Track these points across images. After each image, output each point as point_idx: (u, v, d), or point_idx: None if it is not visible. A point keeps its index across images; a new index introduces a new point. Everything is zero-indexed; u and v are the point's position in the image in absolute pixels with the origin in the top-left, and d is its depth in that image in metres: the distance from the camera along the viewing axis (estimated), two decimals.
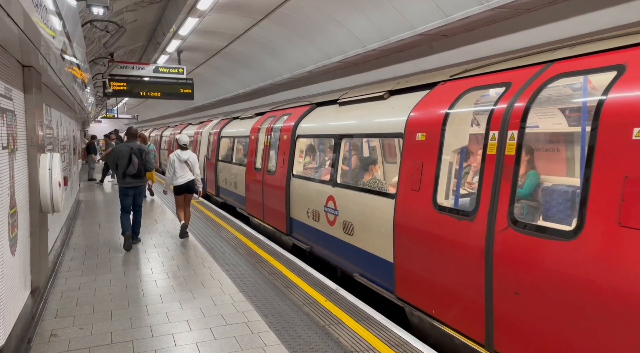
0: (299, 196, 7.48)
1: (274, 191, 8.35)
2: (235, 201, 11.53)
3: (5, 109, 3.49)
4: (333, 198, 6.38)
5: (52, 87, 6.53)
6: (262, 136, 9.46)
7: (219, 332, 4.36)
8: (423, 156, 4.58)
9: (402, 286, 4.86)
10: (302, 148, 8.11)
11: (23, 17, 2.64)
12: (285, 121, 8.43)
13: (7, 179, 3.47)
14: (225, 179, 12.35)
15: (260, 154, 9.47)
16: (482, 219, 3.73)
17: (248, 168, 10.05)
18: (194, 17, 9.15)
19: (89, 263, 6.72)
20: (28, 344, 4.07)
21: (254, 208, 9.68)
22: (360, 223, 5.69)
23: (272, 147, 8.87)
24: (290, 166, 7.76)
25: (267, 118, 9.76)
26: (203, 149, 14.96)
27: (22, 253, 4.03)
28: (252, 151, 9.94)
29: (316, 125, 7.47)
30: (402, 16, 6.84)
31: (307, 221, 7.20)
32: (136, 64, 13.03)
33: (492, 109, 3.85)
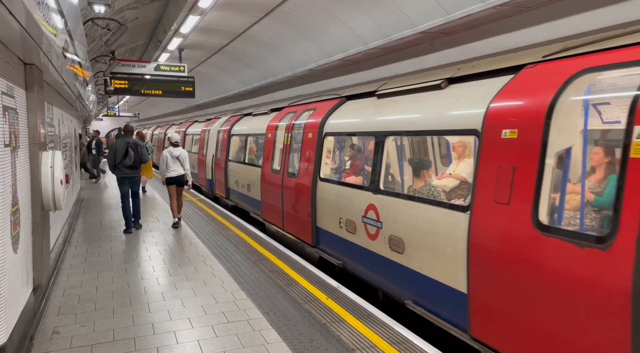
0: (328, 203, 6.50)
1: (297, 197, 7.41)
2: (248, 205, 10.49)
3: (8, 107, 3.49)
4: (375, 208, 5.35)
5: (54, 85, 6.53)
6: (281, 134, 8.43)
7: (221, 329, 4.37)
8: (514, 158, 3.56)
9: (481, 326, 3.81)
10: (331, 147, 7.08)
11: (25, 15, 2.65)
12: (309, 117, 7.43)
13: (9, 177, 3.47)
14: (236, 181, 11.26)
15: (279, 155, 8.47)
16: (624, 247, 2.76)
17: (264, 169, 9.02)
18: (195, 15, 9.15)
19: (90, 260, 6.73)
20: (30, 341, 4.08)
21: (272, 214, 8.64)
22: (414, 240, 4.68)
23: (293, 146, 7.85)
24: (317, 169, 6.81)
25: (285, 114, 8.71)
26: (211, 148, 13.96)
27: (24, 250, 4.04)
28: (268, 150, 8.88)
29: (350, 121, 6.45)
30: (404, 14, 6.83)
31: (338, 232, 6.20)
32: (137, 62, 13.02)
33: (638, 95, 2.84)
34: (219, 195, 13.13)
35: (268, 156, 8.90)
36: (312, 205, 6.89)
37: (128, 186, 8.68)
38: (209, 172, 14.08)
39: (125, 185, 8.66)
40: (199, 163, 15.46)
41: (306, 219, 7.08)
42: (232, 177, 11.73)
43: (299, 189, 7.32)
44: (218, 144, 13.19)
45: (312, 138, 7.05)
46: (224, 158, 12.31)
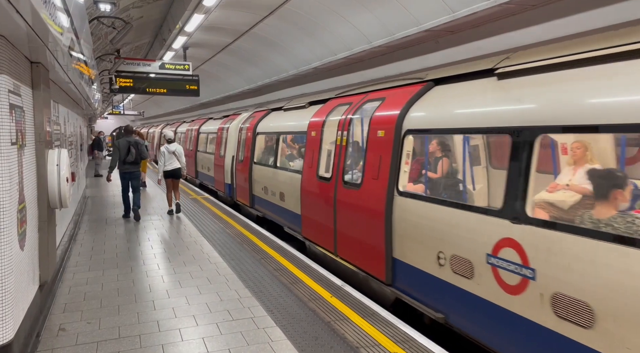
0: (414, 228, 4.75)
1: (359, 214, 5.73)
2: (281, 218, 8.74)
3: (14, 105, 3.52)
4: (517, 245, 3.53)
5: (60, 84, 6.56)
6: (331, 132, 6.89)
7: (225, 327, 4.39)
8: None
9: None
10: (411, 150, 5.24)
11: (31, 14, 2.66)
12: (378, 110, 5.71)
13: (16, 174, 3.50)
14: (264, 187, 9.52)
15: (328, 158, 6.99)
16: None
17: (306, 176, 7.39)
18: (200, 14, 9.17)
19: (96, 258, 6.77)
20: (37, 338, 4.11)
21: (317, 233, 6.99)
22: (616, 310, 2.84)
23: (350, 148, 6.30)
24: (393, 179, 5.10)
25: (335, 107, 7.06)
26: (231, 148, 12.30)
27: (30, 248, 4.07)
28: (311, 153, 7.26)
29: (455, 113, 4.50)
30: (408, 12, 6.82)
31: (436, 271, 4.41)
32: (142, 60, 13.07)
33: None
34: (241, 203, 11.32)
35: (311, 160, 7.24)
36: (385, 228, 5.12)
37: (129, 180, 9.73)
38: (228, 175, 12.37)
39: (126, 179, 9.73)
40: (216, 165, 13.76)
41: (376, 247, 5.34)
42: (258, 183, 9.99)
43: (364, 205, 5.60)
44: (240, 144, 11.49)
45: (385, 138, 5.30)
46: (248, 159, 10.56)
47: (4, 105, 3.24)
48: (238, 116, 12.91)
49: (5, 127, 3.23)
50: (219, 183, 13.46)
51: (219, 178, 13.40)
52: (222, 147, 13.09)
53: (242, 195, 11.11)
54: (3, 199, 3.17)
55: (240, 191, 11.22)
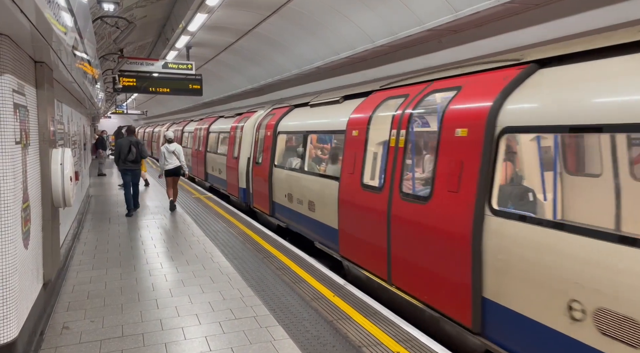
0: (523, 262, 3.48)
1: (428, 237, 4.45)
2: (310, 232, 7.51)
3: (19, 105, 3.54)
4: None
5: (63, 83, 6.59)
6: (380, 130, 5.68)
7: (228, 326, 4.40)
8: None
9: None
10: (513, 153, 4.38)
11: (35, 13, 2.68)
12: (453, 102, 4.41)
13: (20, 173, 3.52)
14: (288, 194, 8.31)
15: (377, 163, 5.83)
16: None
17: (347, 183, 6.14)
18: (203, 13, 9.19)
19: (99, 257, 6.79)
20: (41, 336, 4.13)
21: (362, 254, 5.79)
22: None
23: (410, 151, 5.13)
24: (483, 192, 3.83)
25: (383, 101, 5.82)
26: (245, 148, 11.17)
27: (34, 246, 4.09)
28: (353, 155, 6.07)
29: (602, 103, 3.11)
30: (411, 11, 6.81)
31: (568, 329, 3.12)
32: (145, 60, 13.10)
33: None
34: (258, 210, 10.10)
35: (353, 165, 6.03)
36: (473, 258, 3.85)
37: (130, 177, 10.27)
38: (243, 179, 11.19)
39: (128, 176, 10.26)
40: (228, 167, 12.59)
41: (455, 281, 4.09)
42: (280, 188, 8.73)
43: (435, 225, 4.34)
44: (257, 144, 10.29)
45: (468, 138, 4.06)
46: (267, 162, 9.32)
47: (8, 104, 3.25)
48: (253, 114, 11.61)
49: (9, 126, 3.25)
50: (232, 186, 12.33)
51: (232, 181, 12.25)
52: (236, 148, 11.94)
53: (260, 202, 9.87)
54: (7, 198, 3.19)
55: (258, 197, 9.93)
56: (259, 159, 9.98)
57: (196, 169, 17.49)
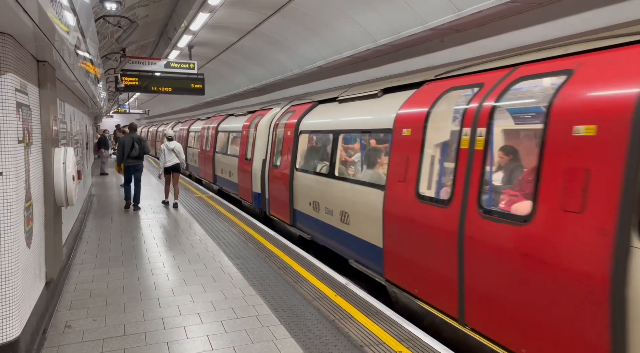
0: None
1: (531, 271, 3.39)
2: (343, 247, 6.53)
3: (21, 104, 3.54)
4: None
5: (66, 82, 6.60)
6: (442, 129, 4.86)
7: (230, 325, 4.41)
8: None
9: None
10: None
11: (38, 12, 2.68)
12: (563, 90, 3.41)
13: (22, 173, 3.52)
14: (313, 202, 7.29)
15: (439, 169, 4.92)
16: None
17: (395, 193, 5.13)
18: (205, 13, 9.20)
19: (101, 256, 6.80)
20: (43, 335, 4.14)
21: (418, 281, 4.74)
22: None
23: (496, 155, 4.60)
24: (628, 214, 2.80)
25: (445, 93, 4.81)
26: (259, 149, 10.20)
27: (37, 245, 4.10)
28: (403, 159, 5.03)
29: None
30: (413, 10, 6.80)
31: None
32: (148, 59, 13.12)
33: None
34: (276, 218, 9.06)
35: (404, 170, 4.99)
36: (613, 312, 2.81)
37: (132, 172, 10.72)
38: (257, 183, 10.16)
39: (130, 172, 10.70)
40: (241, 170, 11.55)
41: (581, 337, 3.03)
42: (303, 195, 7.73)
43: (542, 257, 3.29)
44: (275, 145, 9.25)
45: (599, 139, 3.02)
46: (288, 165, 8.31)
47: (11, 103, 3.26)
48: (268, 112, 10.70)
49: (12, 125, 3.25)
50: (244, 191, 11.24)
51: (244, 185, 11.19)
52: (249, 148, 10.99)
53: (278, 209, 8.83)
54: (10, 197, 3.19)
55: (276, 203, 8.91)
56: (276, 162, 8.98)
57: (204, 171, 16.43)
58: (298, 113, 8.61)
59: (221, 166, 14.03)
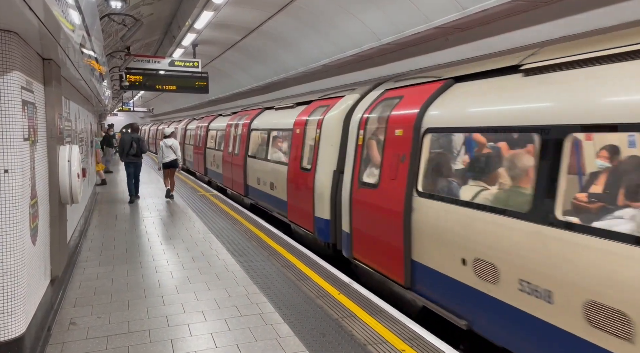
0: None
1: None
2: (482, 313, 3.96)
3: (27, 102, 3.56)
4: None
5: (71, 80, 6.62)
6: None
7: (234, 323, 4.42)
8: None
9: None
10: None
11: (44, 11, 2.69)
12: None
13: (28, 170, 3.54)
14: (467, 259, 4.09)
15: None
16: None
17: None
18: (209, 11, 9.21)
19: (106, 253, 6.83)
20: (48, 332, 4.16)
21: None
22: None
23: None
24: None
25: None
26: (328, 155, 7.04)
27: (42, 243, 4.12)
28: None
29: None
30: (417, 9, 6.79)
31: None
32: (152, 57, 13.16)
33: None
34: (367, 266, 5.79)
35: None
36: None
37: (132, 168, 11.55)
38: (323, 204, 6.99)
39: (130, 168, 11.54)
40: (291, 182, 8.22)
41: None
42: (435, 241, 4.55)
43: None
44: (361, 153, 6.08)
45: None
46: (400, 185, 5.05)
47: (17, 101, 3.27)
48: (334, 101, 7.48)
49: (17, 123, 3.27)
50: (298, 212, 7.98)
51: (298, 204, 7.94)
52: (305, 154, 7.86)
53: (374, 254, 5.60)
54: (15, 195, 3.21)
55: (370, 244, 5.69)
56: (368, 177, 5.81)
57: (230, 180, 12.99)
58: (413, 101, 5.20)
59: (257, 175, 10.51)
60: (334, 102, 7.47)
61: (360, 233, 5.95)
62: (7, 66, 3.18)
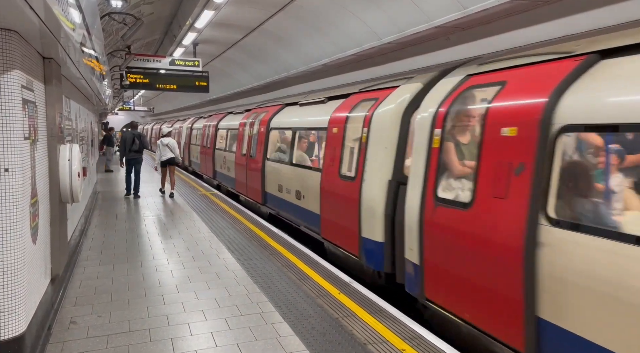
0: None
1: None
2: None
3: (27, 101, 3.55)
4: None
5: (71, 79, 6.62)
6: None
7: (234, 322, 4.41)
8: None
9: None
10: None
11: (44, 9, 2.69)
12: None
13: (28, 169, 3.54)
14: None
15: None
16: None
17: None
18: (210, 10, 9.21)
19: (106, 252, 6.83)
20: (48, 331, 4.16)
21: None
22: None
23: None
24: None
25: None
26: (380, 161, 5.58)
27: (42, 242, 4.12)
28: None
29: None
30: (418, 8, 6.78)
31: None
32: (153, 56, 13.16)
33: None
34: (458, 317, 4.13)
35: None
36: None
37: (133, 164, 11.91)
38: (375, 223, 5.55)
39: (131, 164, 11.91)
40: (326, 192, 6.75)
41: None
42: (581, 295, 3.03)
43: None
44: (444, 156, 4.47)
45: None
46: (520, 207, 3.46)
47: (17, 100, 3.27)
48: (384, 93, 5.99)
49: (18, 122, 3.27)
50: (337, 229, 6.51)
51: (338, 220, 6.44)
52: (346, 158, 6.34)
53: (462, 300, 4.09)
54: (16, 194, 3.21)
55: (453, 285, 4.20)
56: (452, 193, 4.35)
57: (244, 185, 11.34)
58: (530, 87, 3.72)
59: (278, 181, 8.93)
60: (384, 95, 5.93)
61: (438, 268, 4.37)
62: (8, 65, 3.18)
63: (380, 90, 6.24)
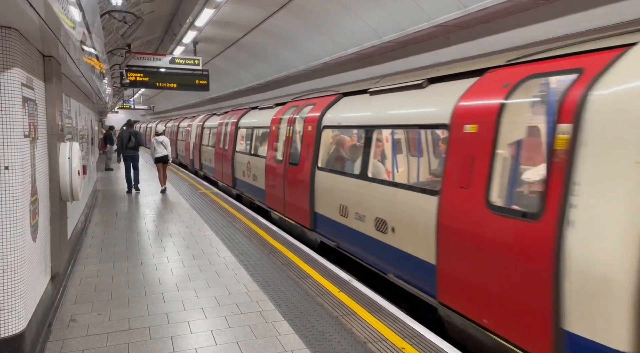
0: None
1: None
2: None
3: (27, 99, 3.55)
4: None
5: (71, 78, 6.61)
6: None
7: (234, 320, 4.42)
8: None
9: None
10: None
11: (44, 7, 2.68)
12: None
13: (28, 167, 3.54)
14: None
15: None
16: None
17: None
18: (210, 8, 9.21)
19: (106, 251, 6.84)
20: (48, 328, 4.17)
21: None
22: None
23: None
24: None
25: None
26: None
27: (42, 240, 4.12)
28: None
29: None
30: (419, 7, 6.77)
31: None
32: (153, 55, 13.14)
33: None
34: None
35: None
36: None
37: (130, 161, 12.55)
38: (598, 315, 2.77)
39: (128, 160, 12.54)
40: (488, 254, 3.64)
41: None
42: None
43: None
44: None
45: None
46: None
47: (17, 98, 3.27)
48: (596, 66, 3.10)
49: (18, 120, 3.27)
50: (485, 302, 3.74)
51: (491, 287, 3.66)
52: (496, 177, 3.70)
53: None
54: (16, 192, 3.21)
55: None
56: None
57: (280, 201, 8.79)
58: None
59: (341, 201, 6.34)
60: (589, 63, 3.19)
61: None
62: (8, 63, 3.18)
63: (573, 56, 3.43)
